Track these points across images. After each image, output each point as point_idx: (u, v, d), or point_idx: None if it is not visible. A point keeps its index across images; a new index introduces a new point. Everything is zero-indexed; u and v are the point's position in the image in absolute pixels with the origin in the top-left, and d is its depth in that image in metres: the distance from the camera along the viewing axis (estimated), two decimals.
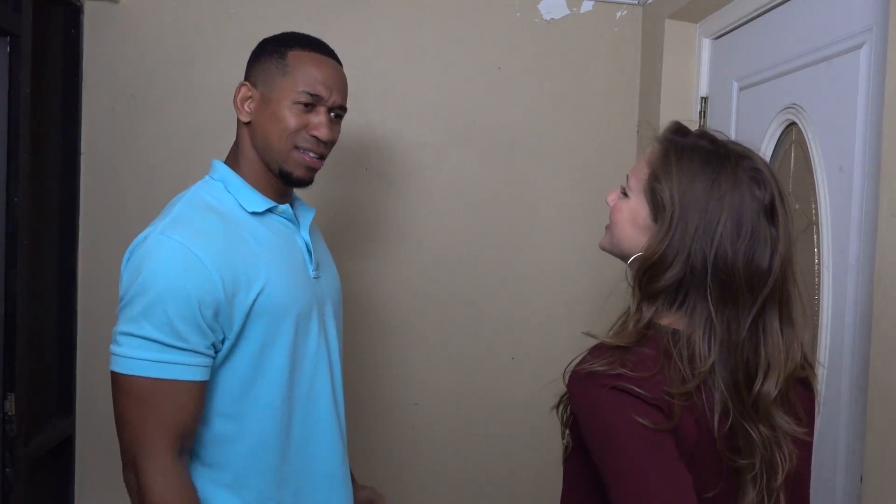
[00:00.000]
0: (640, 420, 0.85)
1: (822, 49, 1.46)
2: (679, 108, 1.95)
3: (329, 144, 1.23)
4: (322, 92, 1.19)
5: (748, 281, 0.89)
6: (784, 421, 0.92)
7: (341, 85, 1.23)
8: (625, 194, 1.01)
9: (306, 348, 1.20)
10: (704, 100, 1.93)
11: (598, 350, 0.93)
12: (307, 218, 1.29)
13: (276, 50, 1.20)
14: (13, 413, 1.47)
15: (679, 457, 0.86)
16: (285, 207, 1.23)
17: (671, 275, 0.91)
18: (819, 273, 1.45)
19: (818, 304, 1.44)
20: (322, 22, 1.95)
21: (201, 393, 1.08)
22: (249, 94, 1.20)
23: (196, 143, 1.91)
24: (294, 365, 1.18)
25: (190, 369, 1.06)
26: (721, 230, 0.89)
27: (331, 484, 1.25)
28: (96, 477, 1.90)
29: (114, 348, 1.07)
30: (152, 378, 1.04)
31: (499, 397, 2.07)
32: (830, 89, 1.43)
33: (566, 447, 0.99)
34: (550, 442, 2.08)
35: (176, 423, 1.06)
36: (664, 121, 1.93)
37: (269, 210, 1.21)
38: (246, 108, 1.20)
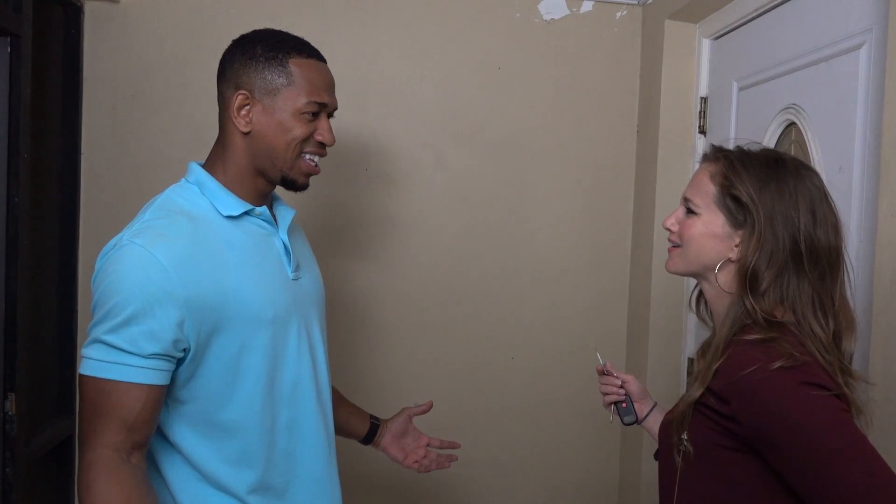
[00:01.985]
0: (838, 403, 0.95)
1: (821, 49, 1.46)
2: (679, 108, 1.95)
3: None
4: (327, 99, 1.21)
5: (828, 258, 1.03)
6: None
7: (334, 86, 1.25)
8: (691, 212, 1.11)
9: (286, 351, 1.20)
10: (704, 100, 1.93)
11: (753, 350, 0.99)
12: (286, 218, 1.28)
13: (273, 57, 1.18)
14: (13, 413, 1.47)
15: None
16: (262, 210, 1.22)
17: (775, 267, 1.02)
18: None
19: None
20: (322, 22, 1.95)
21: (151, 396, 1.07)
22: (247, 102, 1.17)
23: (196, 142, 1.90)
24: (274, 369, 1.18)
25: (138, 371, 1.05)
26: (803, 219, 1.02)
27: (317, 485, 1.25)
28: None
29: (82, 350, 1.10)
30: (101, 378, 1.05)
31: (499, 397, 2.08)
32: (830, 89, 1.43)
33: (689, 454, 1.06)
34: (551, 441, 2.09)
35: (123, 423, 1.05)
36: (664, 121, 1.95)
37: (246, 213, 1.19)
38: (244, 117, 1.18)
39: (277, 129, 1.17)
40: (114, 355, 1.05)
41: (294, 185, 1.22)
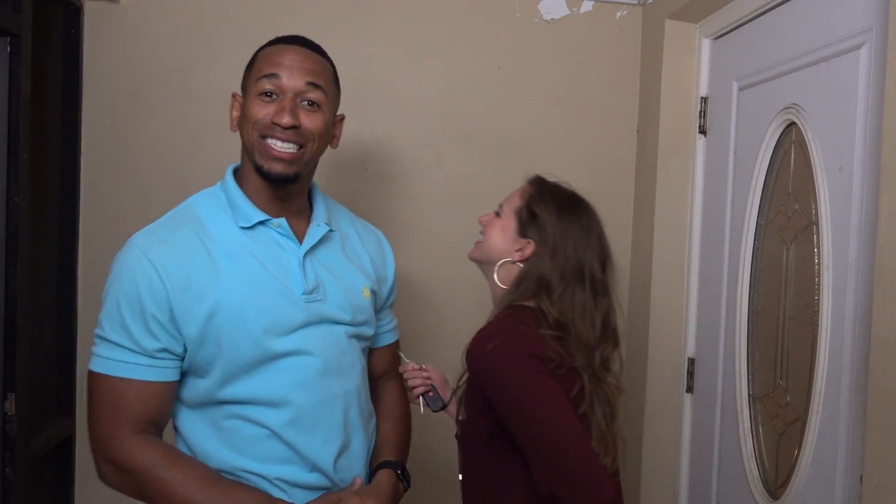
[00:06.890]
0: (540, 367, 1.17)
1: (821, 49, 1.46)
2: (679, 109, 1.95)
3: (300, 133, 1.16)
4: (277, 70, 1.15)
5: (601, 282, 1.29)
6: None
7: (308, 66, 1.17)
8: (497, 215, 1.35)
9: (291, 367, 1.16)
10: (704, 100, 1.93)
11: (486, 328, 1.22)
12: (314, 236, 1.23)
13: (253, 55, 1.22)
14: (13, 413, 1.47)
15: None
16: (280, 221, 1.19)
17: (565, 280, 1.25)
18: (819, 273, 1.44)
19: (818, 304, 1.44)
20: (322, 22, 1.95)
21: (165, 390, 1.13)
22: (235, 103, 1.23)
23: (196, 143, 1.91)
24: (285, 385, 1.17)
25: (145, 370, 1.10)
26: (589, 249, 1.28)
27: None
28: (96, 477, 1.89)
29: (92, 347, 1.15)
30: (111, 376, 1.10)
31: None
32: (830, 89, 1.43)
33: (464, 423, 1.27)
34: None
35: (139, 416, 1.11)
36: (664, 121, 1.95)
37: (261, 223, 1.19)
38: (233, 117, 1.23)
39: (244, 118, 1.18)
40: (119, 353, 1.10)
41: (267, 175, 1.16)
